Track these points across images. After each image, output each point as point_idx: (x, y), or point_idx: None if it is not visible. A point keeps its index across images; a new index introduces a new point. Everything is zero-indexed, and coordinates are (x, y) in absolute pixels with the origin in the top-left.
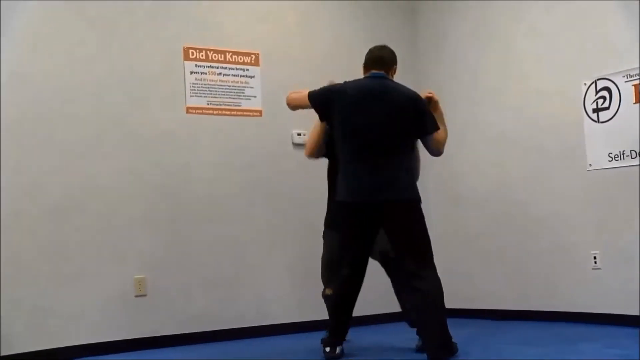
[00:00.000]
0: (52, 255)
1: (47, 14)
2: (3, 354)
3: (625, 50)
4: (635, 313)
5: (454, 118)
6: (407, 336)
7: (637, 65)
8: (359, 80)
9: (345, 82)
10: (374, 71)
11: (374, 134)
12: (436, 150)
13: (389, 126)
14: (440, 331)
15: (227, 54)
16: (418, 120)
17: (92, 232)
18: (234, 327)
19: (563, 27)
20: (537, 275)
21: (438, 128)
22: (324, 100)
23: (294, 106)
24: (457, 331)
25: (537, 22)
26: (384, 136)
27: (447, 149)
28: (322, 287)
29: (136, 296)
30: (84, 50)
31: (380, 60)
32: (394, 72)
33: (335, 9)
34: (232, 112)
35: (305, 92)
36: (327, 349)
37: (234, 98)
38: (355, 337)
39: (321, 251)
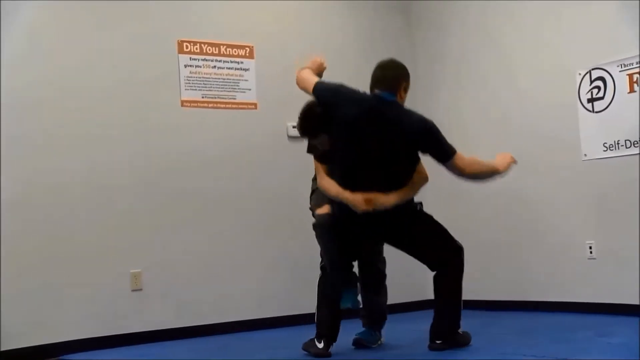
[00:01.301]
0: (49, 250)
1: (43, 12)
2: (3, 349)
3: (620, 39)
4: (630, 302)
5: (451, 112)
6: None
7: (632, 55)
8: (364, 96)
9: (353, 91)
10: (377, 91)
11: (364, 165)
12: (461, 176)
13: (380, 161)
14: (445, 321)
15: (221, 46)
16: (428, 150)
17: (89, 227)
18: (231, 320)
19: (558, 18)
20: (532, 266)
21: (453, 153)
22: (326, 101)
23: (301, 88)
24: None
25: (534, 15)
26: (374, 171)
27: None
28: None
29: (132, 290)
30: (77, 46)
31: (383, 80)
32: (405, 90)
33: (333, 5)
34: (227, 105)
35: (313, 82)
36: (320, 345)
37: (228, 91)
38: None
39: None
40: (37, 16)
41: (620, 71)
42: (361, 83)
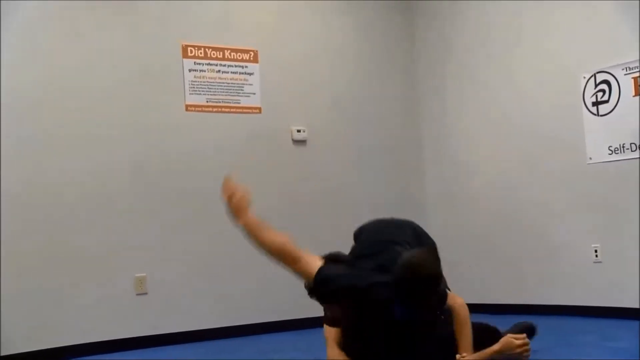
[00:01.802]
0: (52, 255)
1: (45, 14)
2: (4, 353)
3: (625, 43)
4: (635, 306)
5: (452, 115)
6: None
7: (637, 58)
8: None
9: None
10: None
11: None
12: None
13: None
14: None
15: (225, 51)
16: None
17: (93, 231)
18: (236, 324)
19: (562, 21)
20: (537, 269)
21: None
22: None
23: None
24: None
25: (536, 17)
26: None
27: (448, 147)
28: None
29: (137, 294)
30: (83, 50)
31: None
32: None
33: (333, 6)
34: (232, 110)
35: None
36: None
37: (233, 95)
38: None
39: (318, 248)
40: (39, 16)
41: (625, 74)
42: (360, 83)
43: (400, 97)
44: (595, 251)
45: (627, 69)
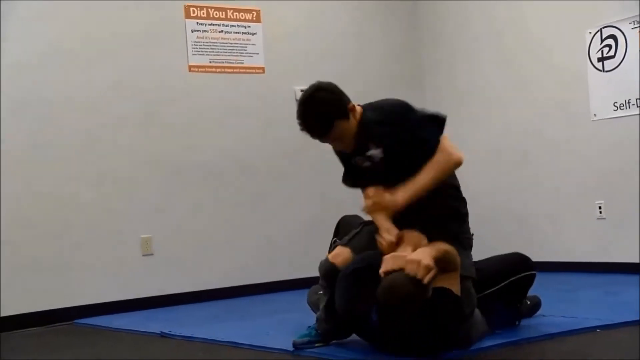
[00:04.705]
0: (58, 216)
1: None
2: (10, 314)
3: None
4: (638, 261)
5: (458, 77)
6: None
7: None
8: None
9: None
10: None
11: None
12: None
13: None
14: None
15: (228, 11)
16: None
17: (98, 192)
18: (241, 284)
19: None
20: (542, 226)
21: None
22: None
23: None
24: None
25: None
26: None
27: (456, 105)
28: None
29: (143, 255)
30: (84, 12)
31: None
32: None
33: None
34: (235, 70)
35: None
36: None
37: (236, 55)
38: None
39: (323, 208)
40: None
41: (632, 28)
42: (365, 42)
43: (406, 58)
44: (599, 207)
45: (635, 22)
